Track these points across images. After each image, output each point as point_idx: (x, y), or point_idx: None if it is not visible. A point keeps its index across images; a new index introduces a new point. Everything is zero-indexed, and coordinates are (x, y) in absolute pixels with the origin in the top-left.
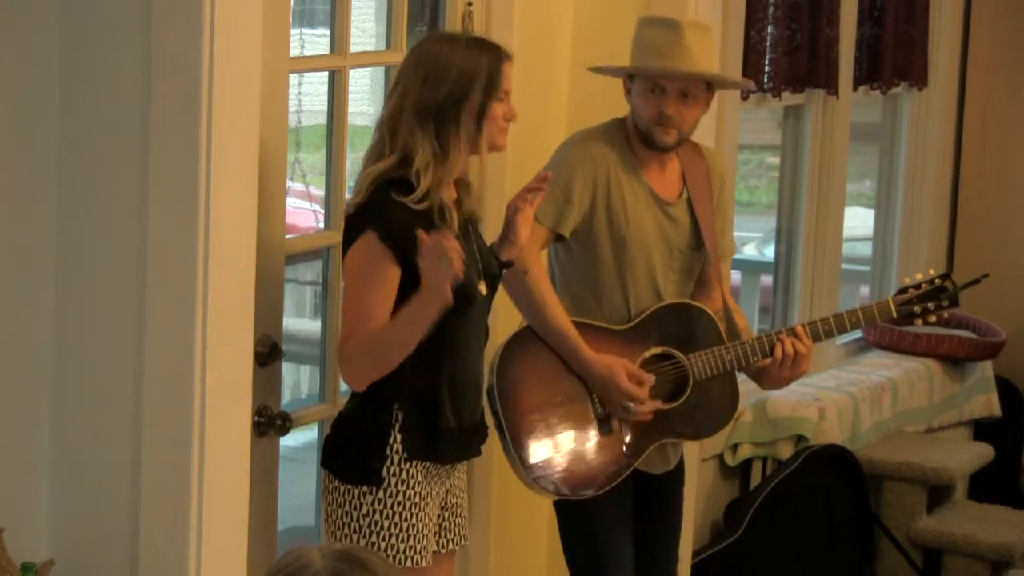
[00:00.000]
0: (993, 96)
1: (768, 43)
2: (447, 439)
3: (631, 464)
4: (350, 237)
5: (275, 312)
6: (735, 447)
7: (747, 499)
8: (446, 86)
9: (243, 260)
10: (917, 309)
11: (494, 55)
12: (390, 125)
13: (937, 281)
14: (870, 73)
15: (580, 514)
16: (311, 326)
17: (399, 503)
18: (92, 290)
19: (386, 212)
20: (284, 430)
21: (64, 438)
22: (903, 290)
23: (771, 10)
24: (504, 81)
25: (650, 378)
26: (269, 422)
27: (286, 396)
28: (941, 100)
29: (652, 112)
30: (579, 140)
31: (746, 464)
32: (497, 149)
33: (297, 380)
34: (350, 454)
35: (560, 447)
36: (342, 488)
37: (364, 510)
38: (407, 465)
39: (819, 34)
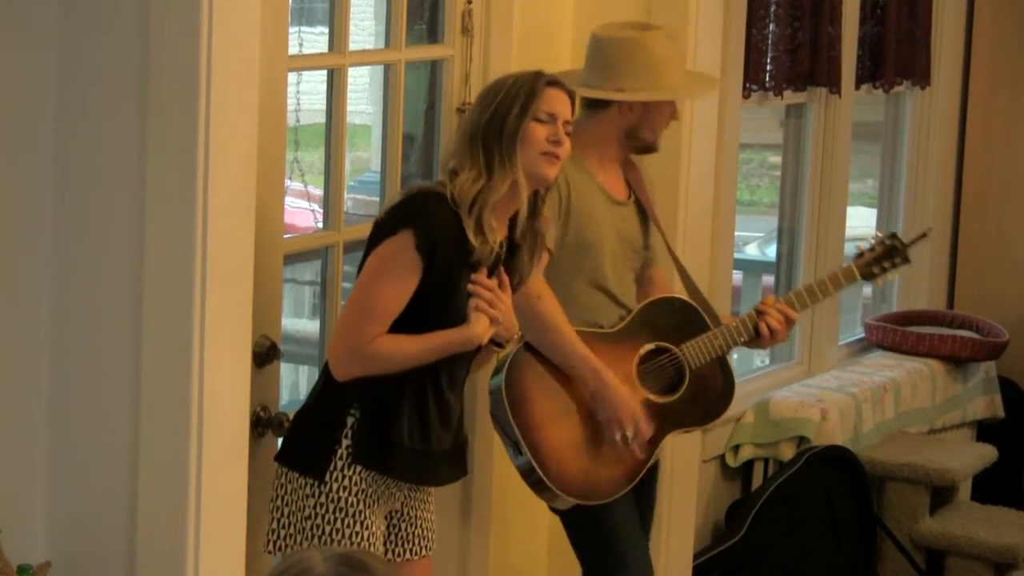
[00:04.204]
0: (996, 95)
1: (770, 41)
2: (400, 454)
3: (647, 462)
4: (383, 233)
5: (273, 312)
6: (736, 448)
7: (749, 500)
8: (491, 107)
9: (241, 260)
10: (876, 270)
11: (536, 77)
12: (446, 158)
13: (887, 242)
14: (872, 71)
15: (596, 523)
16: (310, 326)
17: (341, 509)
18: (90, 291)
19: (427, 215)
20: (282, 431)
21: (62, 439)
22: (860, 255)
23: (773, 8)
24: (545, 103)
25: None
26: (267, 423)
27: (284, 396)
28: (944, 99)
29: (667, 120)
30: None
31: (748, 465)
32: (543, 180)
33: (295, 380)
34: (300, 442)
35: (579, 457)
36: (290, 475)
37: (306, 513)
38: (350, 472)
39: (821, 32)
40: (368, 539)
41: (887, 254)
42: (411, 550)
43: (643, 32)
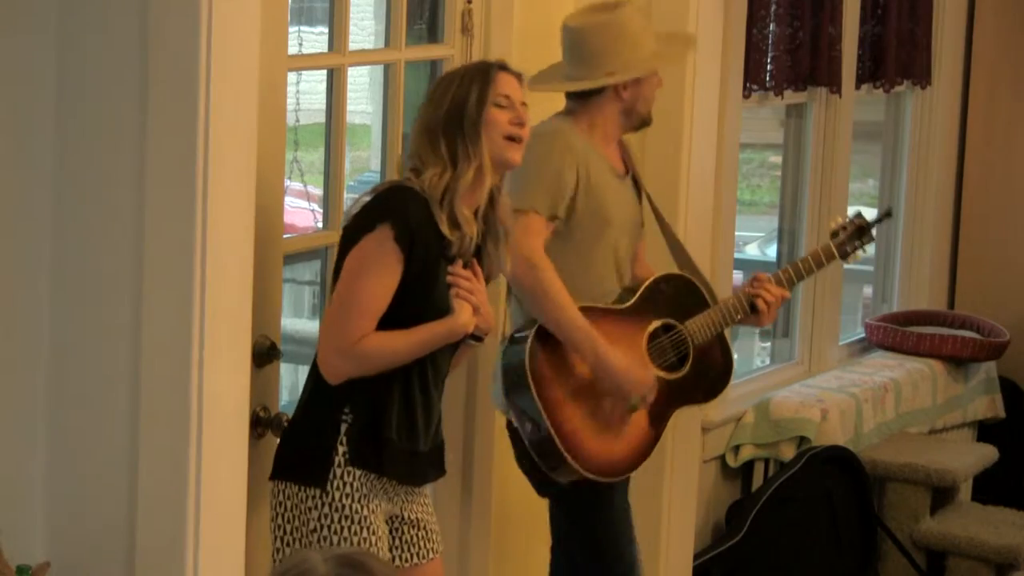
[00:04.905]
0: (997, 94)
1: (770, 41)
2: (391, 452)
3: (659, 436)
4: (359, 230)
5: (273, 312)
6: (737, 448)
7: (749, 501)
8: (447, 100)
9: (241, 260)
10: (849, 248)
11: (487, 64)
12: (404, 156)
13: (855, 221)
14: (873, 71)
15: (590, 499)
16: (309, 326)
17: (346, 516)
18: (89, 291)
19: (402, 208)
20: (282, 431)
21: (60, 440)
22: (835, 234)
23: (773, 8)
24: (500, 87)
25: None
26: (267, 423)
27: (284, 396)
28: (945, 98)
29: (655, 89)
30: (556, 130)
31: (748, 465)
32: (507, 164)
33: (295, 381)
34: (296, 454)
35: (597, 434)
36: (288, 491)
37: (312, 526)
38: (349, 478)
39: (821, 32)
40: (375, 543)
41: (857, 233)
42: (418, 554)
43: (614, 11)
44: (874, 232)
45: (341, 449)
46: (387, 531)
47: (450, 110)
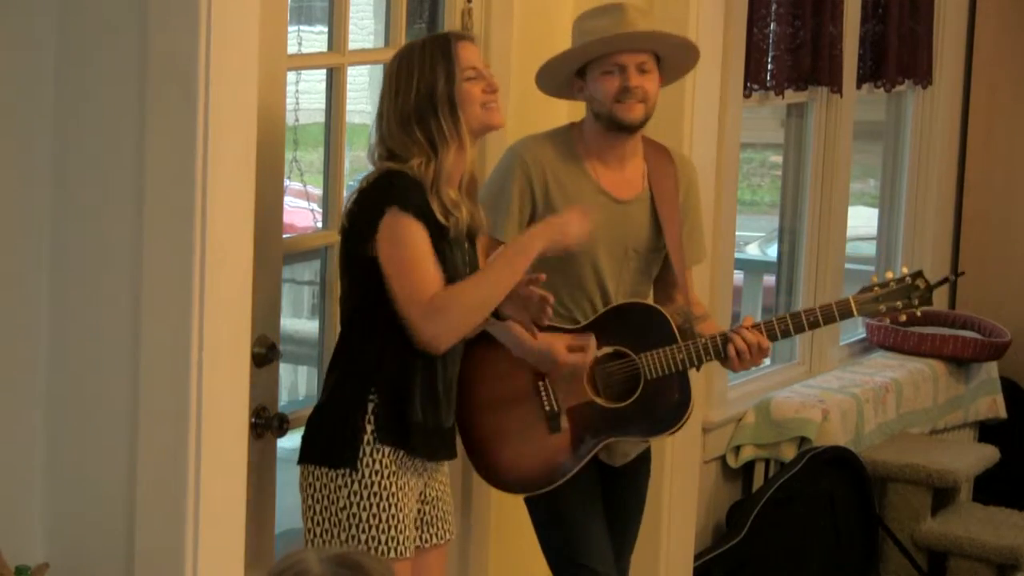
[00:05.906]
0: (998, 94)
1: (771, 40)
2: (417, 433)
3: (581, 460)
4: (371, 219)
5: (273, 312)
6: (738, 449)
7: (750, 501)
8: (414, 86)
9: (240, 260)
10: (883, 308)
11: (443, 40)
12: (382, 148)
13: (908, 280)
14: (874, 71)
15: (548, 509)
16: (309, 326)
17: (375, 494)
18: (88, 291)
19: (403, 192)
20: (282, 431)
21: (59, 440)
22: (868, 288)
23: (774, 7)
24: (465, 59)
25: (590, 340)
26: (266, 423)
27: (284, 397)
28: (946, 98)
29: (614, 89)
30: (516, 146)
31: (749, 466)
32: (493, 127)
33: (295, 381)
34: (325, 436)
35: (509, 446)
36: (318, 472)
37: (341, 504)
38: (379, 455)
39: (822, 31)
40: (402, 520)
41: (902, 292)
42: (436, 534)
43: (613, 3)
44: (931, 297)
45: (369, 428)
46: (415, 510)
47: (420, 96)
